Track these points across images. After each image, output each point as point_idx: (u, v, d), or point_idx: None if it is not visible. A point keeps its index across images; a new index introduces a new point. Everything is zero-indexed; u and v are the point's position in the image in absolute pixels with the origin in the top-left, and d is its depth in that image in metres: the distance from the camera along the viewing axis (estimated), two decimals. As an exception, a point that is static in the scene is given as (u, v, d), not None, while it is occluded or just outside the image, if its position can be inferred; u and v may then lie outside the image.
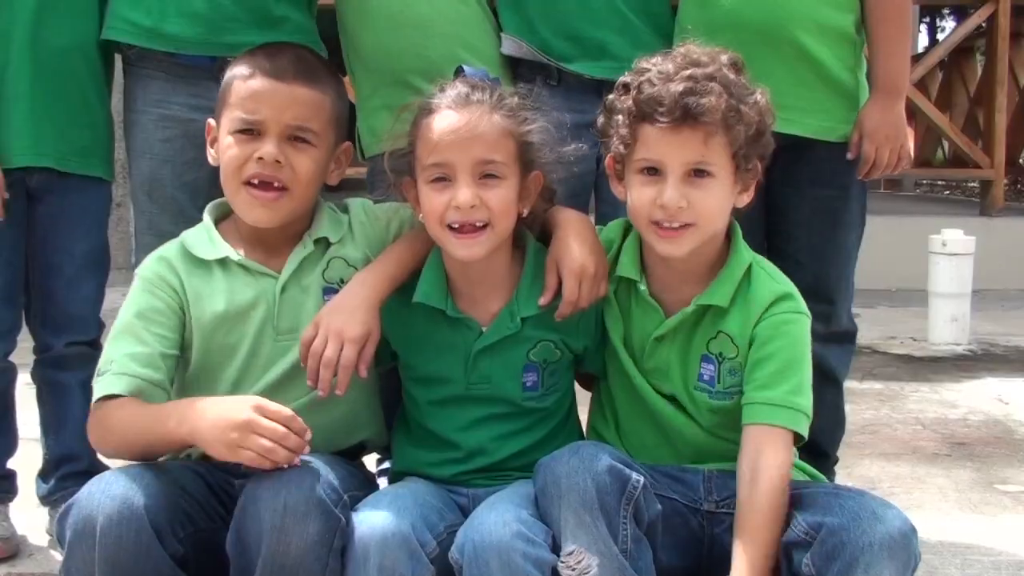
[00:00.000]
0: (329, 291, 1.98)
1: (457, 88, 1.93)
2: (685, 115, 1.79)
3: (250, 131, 1.92)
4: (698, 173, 1.82)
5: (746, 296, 1.90)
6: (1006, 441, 3.35)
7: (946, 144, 9.77)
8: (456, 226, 1.86)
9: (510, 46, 2.43)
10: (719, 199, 1.85)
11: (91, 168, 2.38)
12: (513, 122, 1.91)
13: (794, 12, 2.28)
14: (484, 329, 1.94)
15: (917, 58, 7.77)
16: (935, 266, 4.99)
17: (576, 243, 1.94)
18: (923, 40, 21.45)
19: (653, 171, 1.84)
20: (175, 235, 2.07)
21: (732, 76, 1.84)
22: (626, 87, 1.89)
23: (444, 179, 1.87)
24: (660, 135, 1.82)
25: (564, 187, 2.05)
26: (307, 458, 1.75)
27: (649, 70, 1.86)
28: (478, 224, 1.86)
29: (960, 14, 23.10)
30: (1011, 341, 5.05)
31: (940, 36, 24.66)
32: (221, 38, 2.27)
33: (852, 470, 2.94)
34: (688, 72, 1.81)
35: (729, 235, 1.94)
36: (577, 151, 2.02)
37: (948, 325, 4.96)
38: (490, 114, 1.89)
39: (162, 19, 2.28)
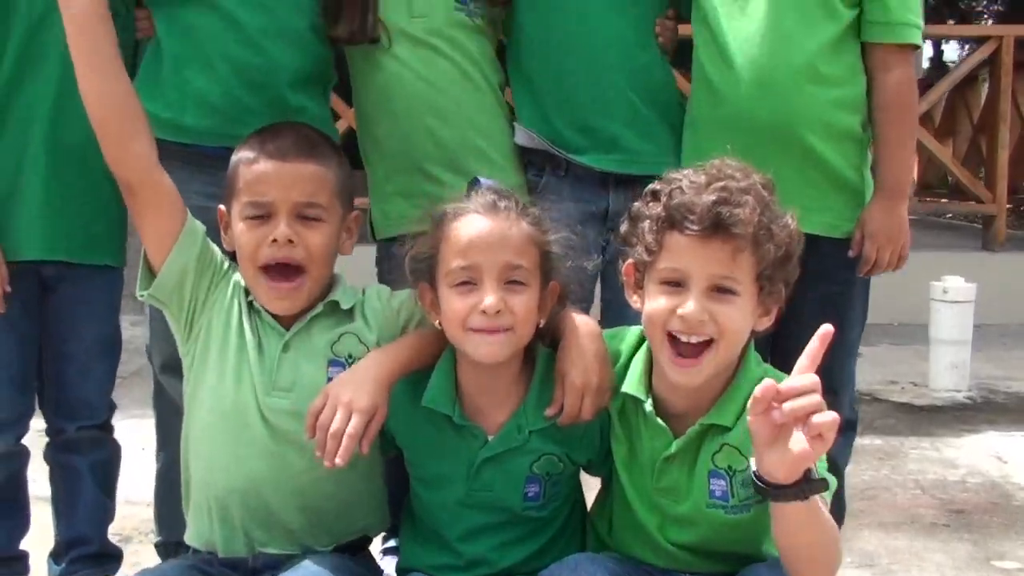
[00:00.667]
0: (335, 364, 2.02)
1: (483, 195, 1.95)
2: (717, 225, 1.74)
3: (261, 215, 1.97)
4: (721, 290, 1.77)
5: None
6: (1004, 508, 3.39)
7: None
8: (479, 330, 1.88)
9: (523, 137, 2.48)
10: (741, 319, 1.79)
11: (103, 258, 2.41)
12: (538, 231, 1.93)
13: (804, 114, 2.32)
14: (490, 438, 1.95)
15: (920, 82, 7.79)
16: (936, 313, 5.02)
17: (582, 355, 1.94)
18: (928, 50, 21.50)
19: (675, 284, 1.79)
20: None
21: (766, 195, 1.80)
22: (655, 194, 1.85)
23: (469, 283, 1.88)
24: (688, 244, 1.77)
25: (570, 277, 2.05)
26: (313, 567, 1.78)
27: (680, 180, 1.83)
28: (502, 328, 1.88)
29: (966, 24, 23.21)
30: (1011, 387, 5.09)
31: (945, 48, 24.79)
32: (237, 130, 2.28)
33: (851, 544, 2.97)
34: (722, 184, 1.78)
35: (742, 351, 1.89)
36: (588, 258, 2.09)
37: (949, 372, 4.99)
38: (517, 220, 1.91)
39: (181, 112, 2.33)
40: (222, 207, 2.07)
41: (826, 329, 1.59)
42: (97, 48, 1.95)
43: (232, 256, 2.06)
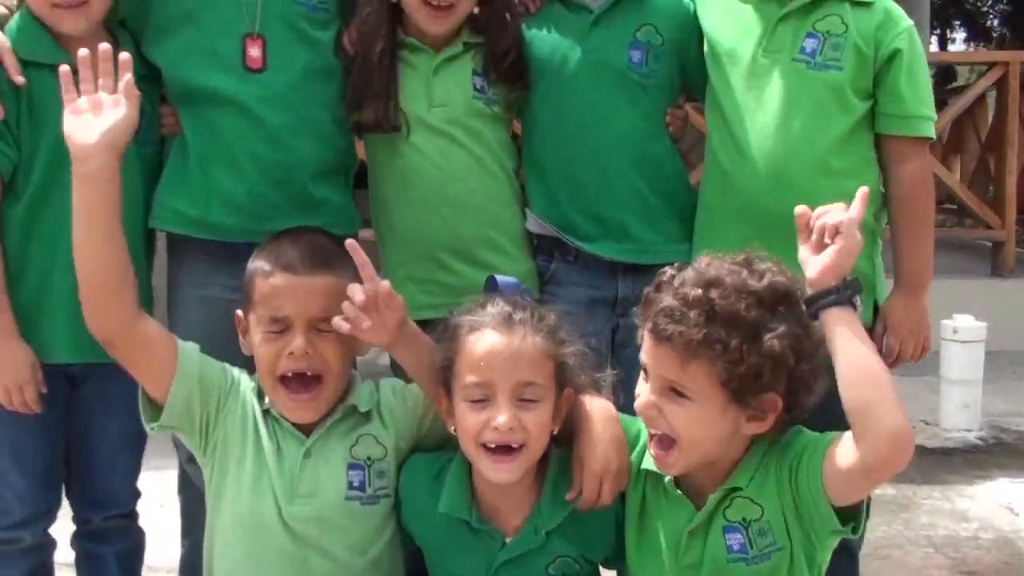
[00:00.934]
0: (355, 467, 2.06)
1: (499, 306, 1.98)
2: (658, 335, 1.80)
3: (278, 329, 2.01)
4: (675, 392, 1.81)
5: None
6: (1016, 568, 3.41)
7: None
8: (492, 446, 1.91)
9: (534, 223, 2.52)
10: (698, 423, 1.81)
11: None
12: (552, 343, 1.96)
13: (817, 206, 2.34)
14: (507, 540, 1.99)
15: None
16: (947, 352, 5.04)
17: (599, 440, 1.98)
18: (933, 46, 21.49)
19: (647, 373, 1.86)
20: None
21: (742, 308, 1.77)
22: (656, 282, 1.90)
23: (483, 399, 1.91)
24: (647, 341, 1.85)
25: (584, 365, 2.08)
26: None
27: (680, 272, 1.87)
28: (514, 445, 1.90)
29: (971, 25, 23.11)
30: (1022, 425, 5.11)
31: (951, 47, 24.79)
32: (262, 225, 2.33)
33: (866, 609, 3.00)
34: (685, 291, 1.80)
35: None
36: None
37: (960, 411, 5.02)
38: (532, 335, 1.93)
39: (206, 210, 2.37)
40: (239, 313, 2.10)
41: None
42: (103, 208, 1.95)
43: (250, 359, 2.10)
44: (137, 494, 2.55)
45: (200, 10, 2.38)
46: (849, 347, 1.75)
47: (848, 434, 1.75)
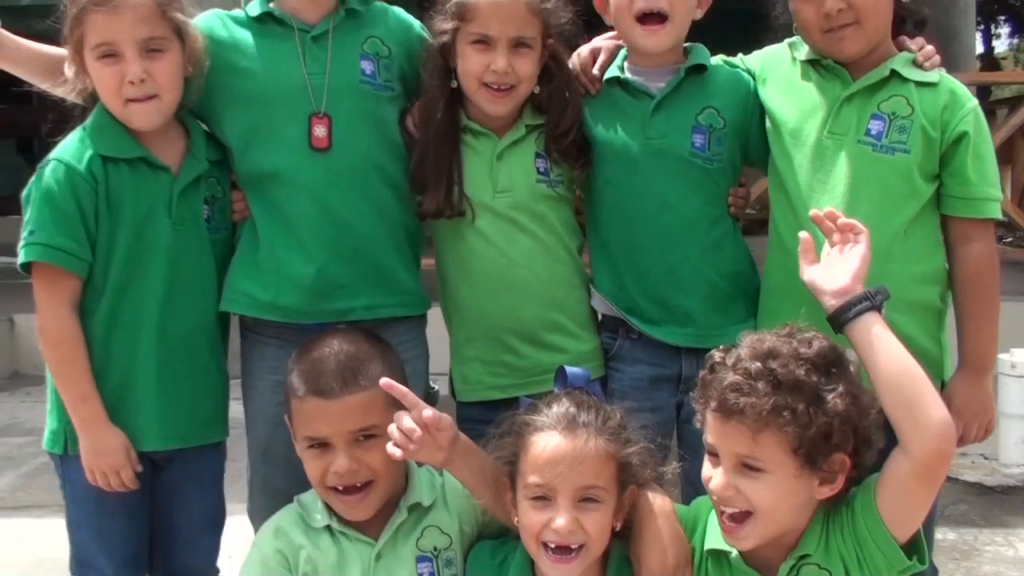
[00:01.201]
0: (423, 560, 2.12)
1: (564, 406, 2.03)
2: (728, 411, 1.86)
3: (319, 446, 2.09)
4: (748, 467, 1.88)
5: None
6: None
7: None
8: (552, 546, 1.96)
9: (600, 304, 2.55)
10: (775, 494, 1.88)
11: (211, 436, 2.51)
12: (616, 445, 2.01)
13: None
14: None
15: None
16: (1004, 387, 5.00)
17: (657, 538, 2.03)
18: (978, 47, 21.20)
19: (716, 455, 1.93)
20: (288, 492, 2.25)
21: (803, 374, 1.85)
22: (709, 361, 1.98)
23: (544, 498, 1.97)
24: (714, 422, 1.91)
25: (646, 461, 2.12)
26: None
27: (729, 352, 1.95)
28: (573, 547, 1.95)
29: (1016, 20, 22.74)
30: (1082, 458, 5.05)
31: (996, 43, 24.47)
32: (332, 305, 2.41)
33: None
34: (747, 365, 1.88)
35: None
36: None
37: (1018, 446, 4.97)
38: (595, 438, 1.98)
39: (277, 292, 2.43)
40: (286, 418, 2.18)
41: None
42: None
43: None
44: (217, 571, 2.62)
45: (267, 92, 2.44)
46: (889, 349, 1.89)
47: (890, 463, 1.85)
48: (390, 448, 2.01)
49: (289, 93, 2.42)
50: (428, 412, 2.02)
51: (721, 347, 1.98)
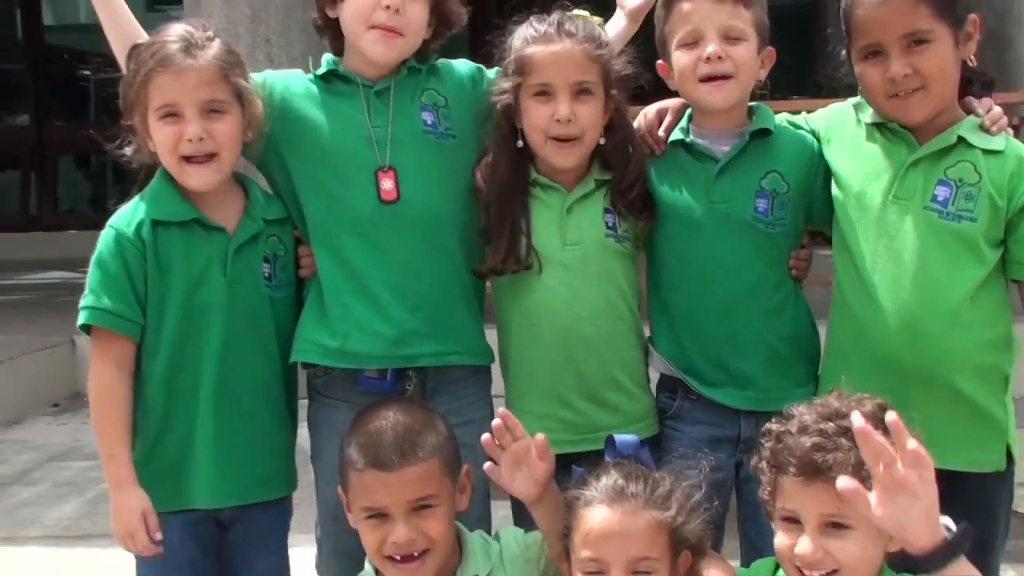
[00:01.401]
0: None
1: (613, 478, 2.07)
2: (815, 471, 1.88)
3: (378, 516, 2.13)
4: (835, 525, 1.89)
5: None
6: None
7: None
8: None
9: (659, 364, 2.56)
10: (862, 548, 1.90)
11: (273, 492, 2.54)
12: (666, 513, 2.04)
13: (955, 359, 2.34)
14: None
15: None
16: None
17: None
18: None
19: (794, 521, 1.93)
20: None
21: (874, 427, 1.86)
22: (769, 434, 2.00)
23: (598, 573, 2.01)
24: (794, 487, 1.92)
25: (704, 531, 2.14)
26: None
27: (792, 418, 1.97)
28: None
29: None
30: None
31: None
32: (400, 351, 2.45)
33: None
34: (821, 426, 1.90)
35: None
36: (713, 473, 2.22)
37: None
38: (645, 509, 2.03)
39: (345, 340, 2.46)
40: (340, 490, 2.23)
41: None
42: None
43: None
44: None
45: (334, 146, 2.48)
46: None
47: None
48: (488, 467, 2.10)
49: (355, 147, 2.48)
50: (540, 437, 2.08)
51: (775, 420, 2.01)
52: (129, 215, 2.42)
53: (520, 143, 2.48)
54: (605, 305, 2.49)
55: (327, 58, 2.59)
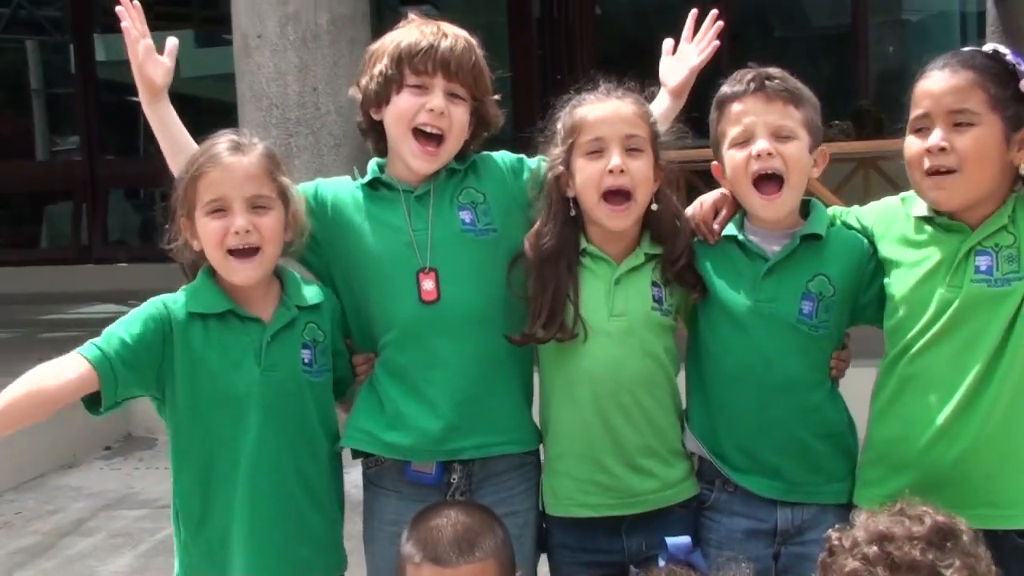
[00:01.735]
0: None
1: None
2: None
3: None
4: None
5: None
6: None
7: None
8: None
9: (692, 443, 2.61)
10: None
11: (315, 574, 2.60)
12: None
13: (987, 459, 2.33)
14: None
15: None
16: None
17: None
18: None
19: None
20: None
21: (918, 554, 1.92)
22: (828, 540, 2.04)
23: None
24: None
25: None
26: None
27: (845, 533, 2.01)
28: None
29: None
30: None
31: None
32: (444, 446, 2.53)
33: None
34: (864, 551, 1.95)
35: None
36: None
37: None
38: None
39: (394, 433, 2.54)
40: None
41: None
42: None
43: None
44: None
45: (377, 254, 2.59)
46: None
47: None
48: None
49: (399, 251, 2.57)
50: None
51: (837, 527, 2.06)
52: (173, 297, 2.51)
53: (573, 211, 2.54)
54: (645, 375, 2.54)
55: (372, 165, 2.68)
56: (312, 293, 2.60)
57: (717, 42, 2.82)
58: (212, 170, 2.45)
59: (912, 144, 2.38)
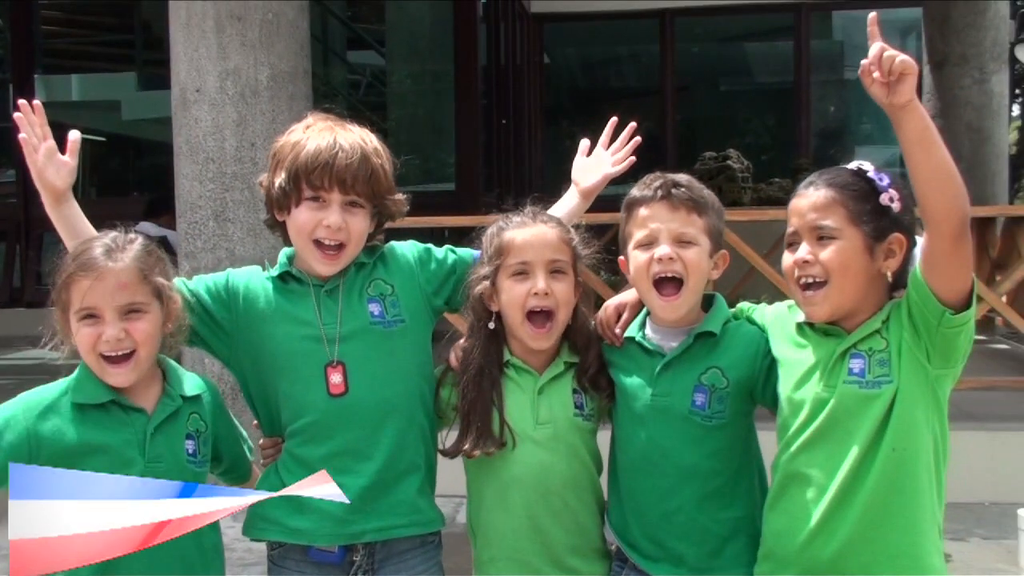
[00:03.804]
0: None
1: None
2: None
3: None
4: None
5: None
6: None
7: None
8: None
9: (609, 534, 2.71)
10: None
11: None
12: None
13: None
14: None
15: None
16: None
17: None
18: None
19: None
20: None
21: None
22: None
23: None
24: None
25: None
26: None
27: None
28: None
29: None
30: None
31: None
32: (346, 529, 2.57)
33: None
34: None
35: None
36: None
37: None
38: None
39: (297, 518, 2.57)
40: None
41: None
42: None
43: None
44: None
45: (286, 347, 2.62)
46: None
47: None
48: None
49: (306, 345, 2.61)
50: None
51: None
52: (49, 392, 2.47)
53: (492, 325, 2.63)
54: (572, 477, 2.64)
55: (282, 258, 2.73)
56: (193, 384, 2.62)
57: (633, 158, 2.96)
58: (83, 278, 2.44)
59: (786, 259, 2.51)
